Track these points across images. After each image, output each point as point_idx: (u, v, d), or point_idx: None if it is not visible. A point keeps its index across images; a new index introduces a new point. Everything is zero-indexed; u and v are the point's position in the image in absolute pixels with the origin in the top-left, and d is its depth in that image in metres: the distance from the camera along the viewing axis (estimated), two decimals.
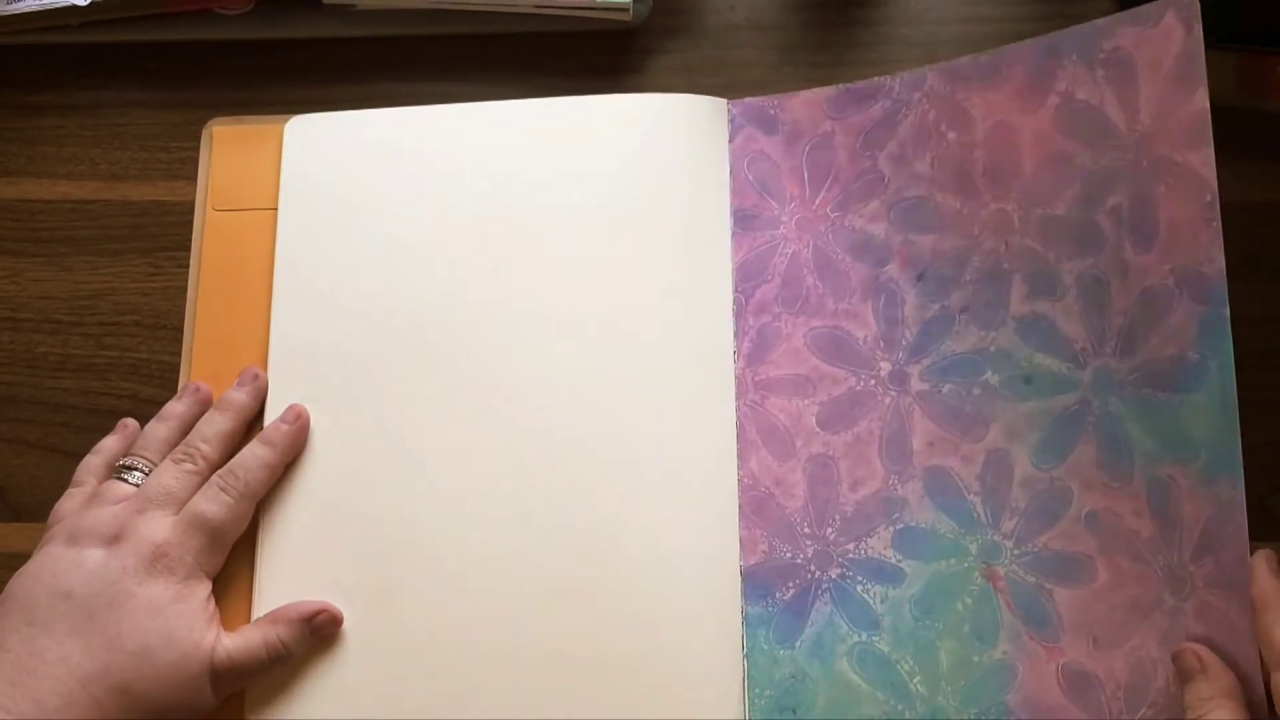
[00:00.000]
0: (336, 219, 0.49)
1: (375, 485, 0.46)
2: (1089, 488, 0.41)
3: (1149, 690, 0.39)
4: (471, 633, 0.44)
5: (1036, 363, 0.42)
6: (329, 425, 0.46)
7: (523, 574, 0.44)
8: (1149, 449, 0.40)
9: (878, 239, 0.46)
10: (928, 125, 0.46)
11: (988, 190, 0.44)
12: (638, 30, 0.53)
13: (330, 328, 0.47)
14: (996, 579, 0.42)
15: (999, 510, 0.43)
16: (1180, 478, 0.39)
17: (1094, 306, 0.41)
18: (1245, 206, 0.49)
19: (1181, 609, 0.38)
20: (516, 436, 0.46)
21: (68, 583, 0.41)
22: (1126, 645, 0.39)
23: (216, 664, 0.42)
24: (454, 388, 0.47)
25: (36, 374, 0.50)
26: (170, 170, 0.53)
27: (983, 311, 0.44)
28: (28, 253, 0.52)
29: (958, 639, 0.42)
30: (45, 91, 0.54)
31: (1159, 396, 0.39)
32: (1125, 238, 0.40)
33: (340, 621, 0.44)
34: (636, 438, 0.46)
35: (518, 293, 0.47)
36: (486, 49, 0.54)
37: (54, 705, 0.38)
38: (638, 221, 0.48)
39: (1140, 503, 0.40)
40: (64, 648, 0.39)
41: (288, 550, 0.45)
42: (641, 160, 0.49)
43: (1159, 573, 0.39)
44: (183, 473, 0.44)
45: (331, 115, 0.50)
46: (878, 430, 0.45)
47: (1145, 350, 0.40)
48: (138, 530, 0.42)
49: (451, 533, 0.45)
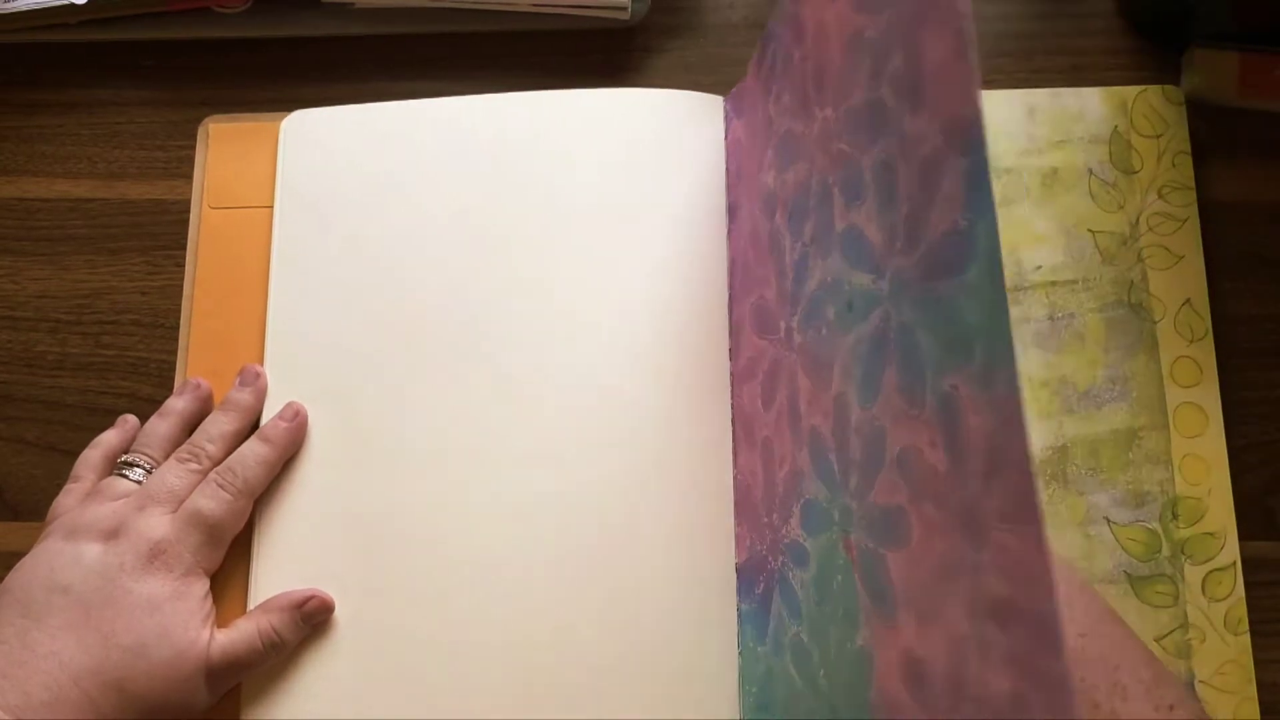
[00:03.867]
0: (333, 214, 0.49)
1: (371, 481, 0.46)
2: (896, 422, 0.32)
3: (966, 680, 0.29)
4: (467, 630, 0.44)
5: (855, 283, 0.35)
6: (325, 422, 0.46)
7: (519, 570, 0.44)
8: (935, 358, 0.30)
9: (770, 191, 0.44)
10: (789, 53, 0.41)
11: (815, 101, 0.39)
12: (636, 29, 0.53)
13: (326, 324, 0.48)
14: (851, 549, 0.35)
15: (847, 467, 0.35)
16: (961, 385, 0.29)
17: (886, 199, 0.33)
18: (1245, 206, 0.50)
19: (980, 564, 0.28)
20: (513, 433, 0.46)
21: (65, 577, 0.41)
22: (941, 620, 0.30)
23: (212, 659, 0.41)
24: (450, 383, 0.47)
25: (34, 373, 0.50)
26: (168, 169, 0.52)
27: (821, 239, 0.38)
28: (26, 251, 0.52)
29: (837, 624, 0.36)
30: (43, 90, 0.54)
31: (938, 288, 0.30)
32: (904, 105, 0.32)
33: (331, 607, 0.44)
34: (633, 433, 0.46)
35: (514, 288, 0.48)
36: (484, 47, 0.54)
37: (42, 699, 0.38)
38: (634, 216, 0.48)
39: (934, 429, 0.30)
40: (57, 642, 0.39)
41: (284, 547, 0.45)
42: (637, 155, 0.49)
43: (957, 518, 0.29)
44: (187, 472, 0.44)
45: (327, 110, 0.51)
46: (785, 399, 0.41)
47: (926, 235, 0.31)
48: (136, 527, 0.42)
49: (447, 529, 0.45)
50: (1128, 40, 0.53)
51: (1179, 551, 0.45)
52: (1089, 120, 0.50)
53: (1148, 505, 0.45)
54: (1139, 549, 0.45)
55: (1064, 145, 0.50)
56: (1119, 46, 0.52)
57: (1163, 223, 0.49)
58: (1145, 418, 0.46)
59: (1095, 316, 0.47)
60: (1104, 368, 0.47)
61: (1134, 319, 0.47)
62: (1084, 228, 0.48)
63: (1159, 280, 0.48)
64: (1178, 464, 0.46)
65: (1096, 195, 0.49)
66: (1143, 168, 0.49)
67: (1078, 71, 0.52)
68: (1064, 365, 0.47)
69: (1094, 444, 0.46)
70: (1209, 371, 0.47)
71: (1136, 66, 0.52)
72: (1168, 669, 0.35)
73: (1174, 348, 0.47)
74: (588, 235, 0.48)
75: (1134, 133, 0.50)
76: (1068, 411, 0.46)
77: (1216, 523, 0.45)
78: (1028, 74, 0.52)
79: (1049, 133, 0.50)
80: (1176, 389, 0.46)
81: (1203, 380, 0.46)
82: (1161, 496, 0.45)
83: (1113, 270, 0.48)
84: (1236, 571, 0.44)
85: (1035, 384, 0.47)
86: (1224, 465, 0.45)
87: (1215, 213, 0.49)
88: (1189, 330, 0.47)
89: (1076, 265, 0.48)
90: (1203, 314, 0.47)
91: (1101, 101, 0.50)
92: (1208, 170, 0.50)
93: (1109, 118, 0.50)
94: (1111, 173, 0.49)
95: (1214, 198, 0.50)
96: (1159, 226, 0.48)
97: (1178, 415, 0.46)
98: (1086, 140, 0.50)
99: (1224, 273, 0.49)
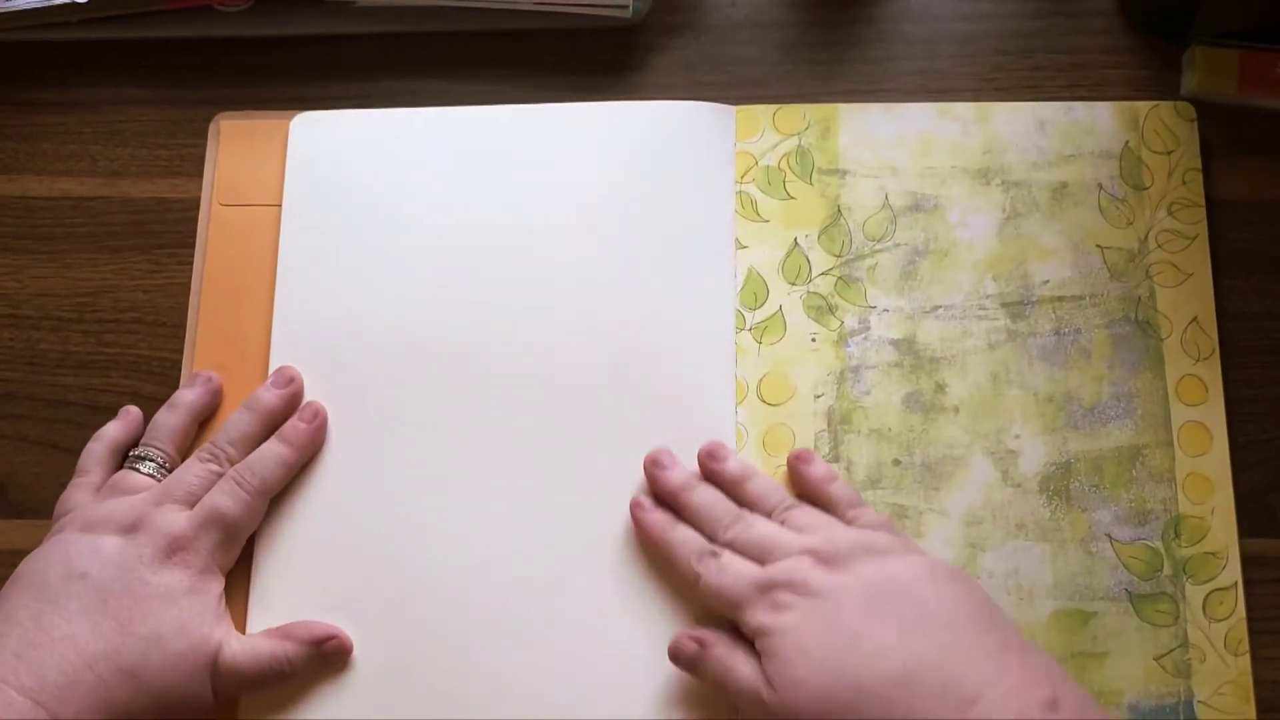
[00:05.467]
0: (340, 217, 0.49)
1: (375, 483, 0.46)
2: None
3: None
4: (472, 638, 0.44)
5: None
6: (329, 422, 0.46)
7: (522, 572, 0.44)
8: None
9: None
10: None
11: None
12: (638, 28, 0.53)
13: (332, 326, 0.48)
14: None
15: None
16: None
17: None
18: (1244, 204, 0.49)
19: None
20: (521, 437, 0.46)
21: (83, 565, 0.41)
22: None
23: (221, 663, 0.42)
24: (454, 386, 0.47)
25: (37, 371, 0.50)
26: (170, 167, 0.52)
27: None
28: (28, 250, 0.52)
29: None
30: (45, 88, 0.54)
31: None
32: None
33: (349, 651, 0.43)
34: (640, 441, 0.45)
35: (521, 294, 0.48)
36: (486, 46, 0.53)
37: (56, 681, 0.38)
38: (642, 226, 0.48)
39: None
40: (73, 625, 0.39)
41: (285, 548, 0.45)
42: (648, 166, 0.49)
43: None
44: (207, 472, 0.44)
45: (338, 114, 0.50)
46: None
47: None
48: (155, 521, 0.42)
49: (450, 530, 0.45)
50: (1128, 39, 0.52)
51: (1180, 570, 0.44)
52: (1099, 135, 0.49)
53: (1150, 523, 0.45)
54: (1140, 567, 0.44)
55: (1074, 160, 0.49)
56: (1120, 45, 0.52)
57: (1172, 240, 0.48)
58: (1149, 435, 0.46)
59: (1102, 332, 0.47)
60: (1109, 384, 0.46)
61: (1140, 336, 0.47)
62: (1092, 243, 0.48)
63: (1167, 297, 0.47)
64: (1181, 482, 0.45)
65: (1106, 211, 0.48)
66: (1153, 184, 0.49)
67: (1078, 70, 0.51)
68: (1069, 381, 0.46)
69: (1097, 460, 0.45)
70: (1215, 390, 0.46)
71: (1137, 65, 0.51)
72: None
73: (1180, 366, 0.46)
74: (594, 243, 0.48)
75: (1145, 148, 0.49)
76: (1072, 427, 0.46)
77: (1218, 542, 0.44)
78: (1028, 72, 0.52)
79: (1059, 146, 0.49)
80: (1181, 407, 0.46)
81: (1208, 399, 0.46)
82: (1164, 515, 0.45)
83: (1120, 286, 0.47)
84: (1238, 592, 0.44)
85: (1040, 399, 0.46)
86: (1228, 485, 0.45)
87: (1216, 210, 0.49)
88: (1195, 349, 0.47)
89: (1084, 281, 0.48)
90: (1210, 332, 0.47)
91: (1113, 116, 0.50)
92: (1209, 168, 0.49)
93: (1120, 132, 0.49)
94: (1121, 188, 0.49)
95: (1215, 195, 0.49)
96: (1168, 244, 0.48)
97: (1182, 434, 0.46)
98: (1097, 155, 0.49)
99: (1225, 270, 0.48)
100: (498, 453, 0.46)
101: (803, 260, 0.48)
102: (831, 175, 0.49)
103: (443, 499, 0.45)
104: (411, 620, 0.44)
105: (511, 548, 0.45)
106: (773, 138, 0.50)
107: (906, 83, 0.52)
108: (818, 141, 0.50)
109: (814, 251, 0.48)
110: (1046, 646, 0.43)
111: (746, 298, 0.48)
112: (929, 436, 0.46)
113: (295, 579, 0.45)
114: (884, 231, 0.49)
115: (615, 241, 0.48)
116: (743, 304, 0.48)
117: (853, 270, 0.48)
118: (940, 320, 0.47)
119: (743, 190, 0.49)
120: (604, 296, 0.47)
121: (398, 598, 0.44)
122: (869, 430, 0.46)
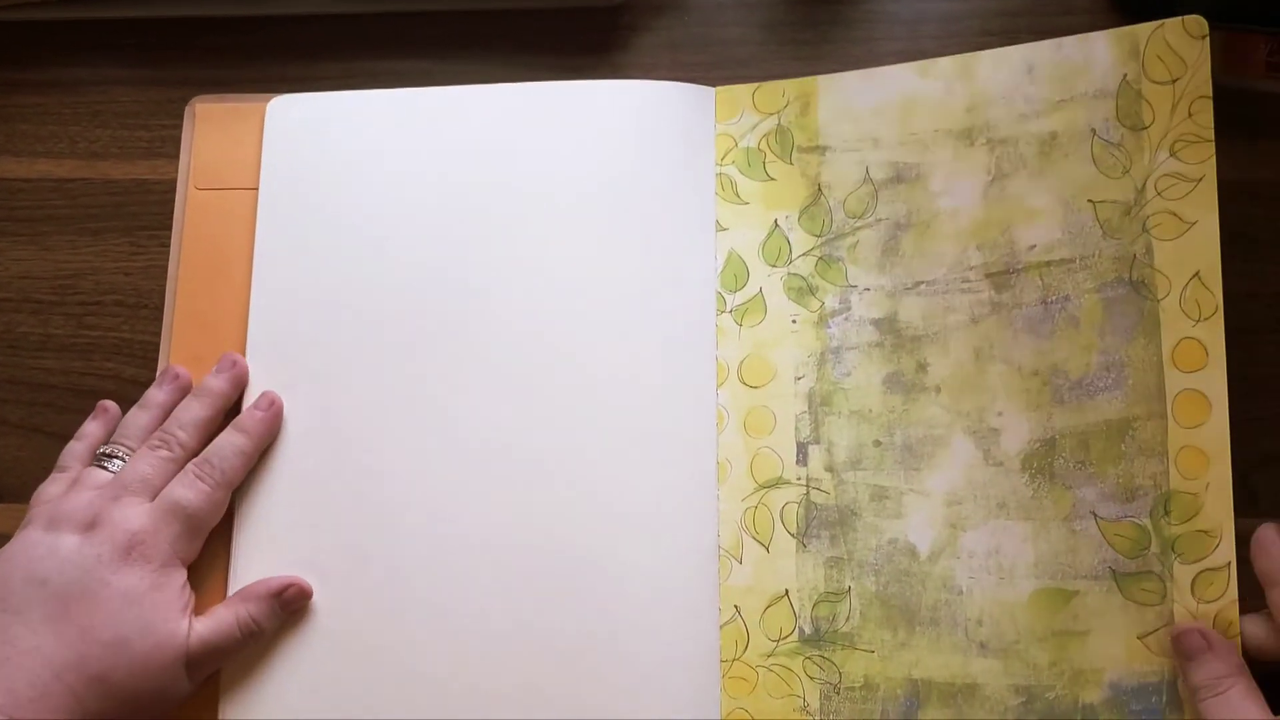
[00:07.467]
0: (317, 201, 0.49)
1: (352, 469, 0.46)
2: None
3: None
4: (448, 620, 0.44)
5: None
6: (307, 407, 0.46)
7: (500, 557, 0.44)
8: None
9: None
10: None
11: None
12: (622, 7, 0.53)
13: (309, 310, 0.47)
14: None
15: None
16: None
17: None
18: (1232, 185, 0.48)
19: None
20: (496, 421, 0.46)
21: (43, 569, 0.41)
22: None
23: (191, 649, 0.42)
24: (432, 370, 0.46)
25: (18, 354, 0.50)
26: (151, 149, 0.52)
27: None
28: (7, 232, 0.52)
29: None
30: (24, 69, 0.54)
31: None
32: None
33: (309, 595, 0.44)
34: (619, 423, 0.45)
35: (499, 277, 0.47)
36: (470, 26, 0.53)
37: (28, 696, 0.38)
38: (623, 208, 0.48)
39: None
40: (38, 636, 0.39)
41: (263, 536, 0.45)
42: (627, 147, 0.48)
43: None
44: (159, 459, 0.44)
45: (314, 96, 0.50)
46: None
47: None
48: (113, 518, 0.42)
49: (427, 516, 0.45)
50: (1112, 19, 0.51)
51: (1169, 549, 0.42)
52: (1095, 71, 0.46)
53: (1138, 500, 0.43)
54: (1126, 545, 0.43)
55: (1065, 105, 0.46)
56: (1104, 25, 0.51)
57: (1174, 185, 0.44)
58: (1141, 407, 0.43)
59: (1092, 298, 0.44)
60: (1099, 353, 0.44)
61: (1134, 298, 0.44)
62: (1084, 199, 0.45)
63: (1165, 252, 0.44)
64: (1174, 456, 0.43)
65: (1099, 159, 0.45)
66: (1154, 121, 0.45)
67: None
68: (1056, 352, 0.45)
69: (1084, 436, 0.44)
70: (1216, 354, 0.43)
71: None
72: None
73: (1178, 328, 0.43)
74: (574, 225, 0.48)
75: (1145, 79, 0.45)
76: (1058, 402, 0.44)
77: (1212, 520, 0.42)
78: None
79: (1049, 92, 0.46)
80: (1178, 374, 0.43)
81: (1208, 363, 0.43)
82: (1154, 491, 0.43)
83: (1114, 244, 0.45)
84: (1230, 573, 0.42)
85: (1025, 373, 0.45)
86: (1225, 458, 0.42)
87: None
88: (1196, 308, 0.43)
89: (1074, 242, 0.45)
90: (1213, 289, 0.43)
91: (1110, 46, 0.46)
92: None
93: (1118, 64, 0.45)
94: (1117, 131, 0.45)
95: None
96: (1169, 189, 0.44)
97: (1177, 403, 0.43)
98: (1090, 96, 0.46)
99: None
100: (476, 433, 0.46)
101: (783, 241, 0.48)
102: (812, 153, 0.49)
103: (422, 483, 0.45)
104: (394, 602, 0.44)
105: (493, 527, 0.45)
106: (752, 118, 0.49)
107: (890, 63, 0.51)
108: (797, 119, 0.49)
109: (794, 232, 0.48)
110: (1026, 626, 0.42)
111: (727, 280, 0.48)
112: (910, 417, 0.45)
113: (276, 567, 0.45)
114: (865, 207, 0.48)
115: (594, 224, 0.47)
116: (723, 286, 0.48)
117: (833, 250, 0.47)
118: (922, 296, 0.46)
119: (723, 172, 0.49)
120: (583, 279, 0.47)
121: (382, 576, 0.44)
122: (849, 411, 0.46)
